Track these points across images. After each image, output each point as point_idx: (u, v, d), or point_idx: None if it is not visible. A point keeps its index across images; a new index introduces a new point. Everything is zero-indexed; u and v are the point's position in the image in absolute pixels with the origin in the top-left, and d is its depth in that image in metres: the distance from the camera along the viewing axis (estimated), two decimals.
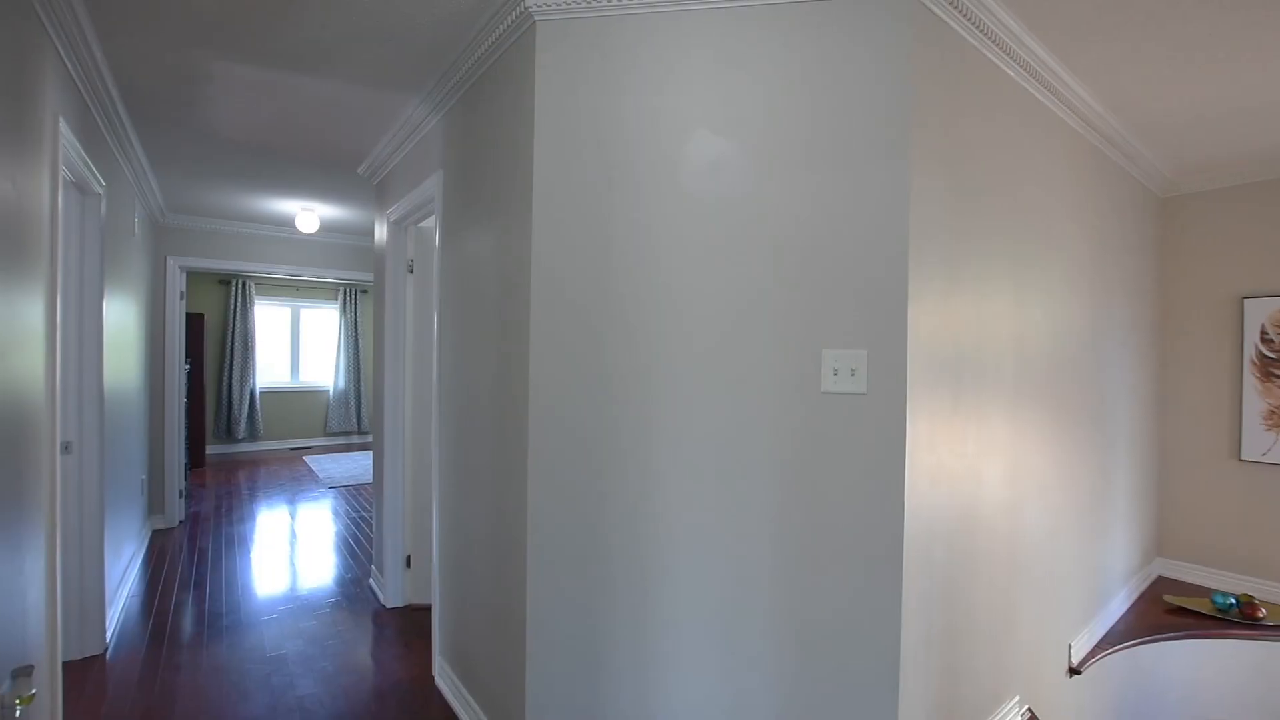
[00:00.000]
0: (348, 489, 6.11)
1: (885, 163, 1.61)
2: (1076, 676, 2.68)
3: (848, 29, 1.63)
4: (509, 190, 1.94)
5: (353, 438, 8.89)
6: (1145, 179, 3.40)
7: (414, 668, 2.70)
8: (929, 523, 1.74)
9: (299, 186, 4.18)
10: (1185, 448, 3.69)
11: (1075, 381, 2.65)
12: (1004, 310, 2.11)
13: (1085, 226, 2.72)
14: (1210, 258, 3.59)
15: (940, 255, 1.76)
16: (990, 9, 1.84)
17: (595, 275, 1.75)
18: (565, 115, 1.76)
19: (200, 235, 5.16)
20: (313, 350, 8.66)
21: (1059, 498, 2.55)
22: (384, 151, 3.22)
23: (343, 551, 4.25)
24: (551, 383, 1.77)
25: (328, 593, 3.52)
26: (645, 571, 1.73)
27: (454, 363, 2.40)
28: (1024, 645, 2.31)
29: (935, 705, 1.81)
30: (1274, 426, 3.36)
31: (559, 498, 1.78)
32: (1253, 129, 2.83)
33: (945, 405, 1.80)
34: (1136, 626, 3.07)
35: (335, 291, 8.70)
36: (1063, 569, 2.60)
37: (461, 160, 2.32)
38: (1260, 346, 3.41)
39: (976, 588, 2.00)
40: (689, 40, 1.69)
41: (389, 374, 3.28)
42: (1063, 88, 2.32)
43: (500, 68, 2.01)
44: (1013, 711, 2.22)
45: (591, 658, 1.76)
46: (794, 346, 1.65)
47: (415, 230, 3.24)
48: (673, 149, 1.70)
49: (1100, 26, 1.98)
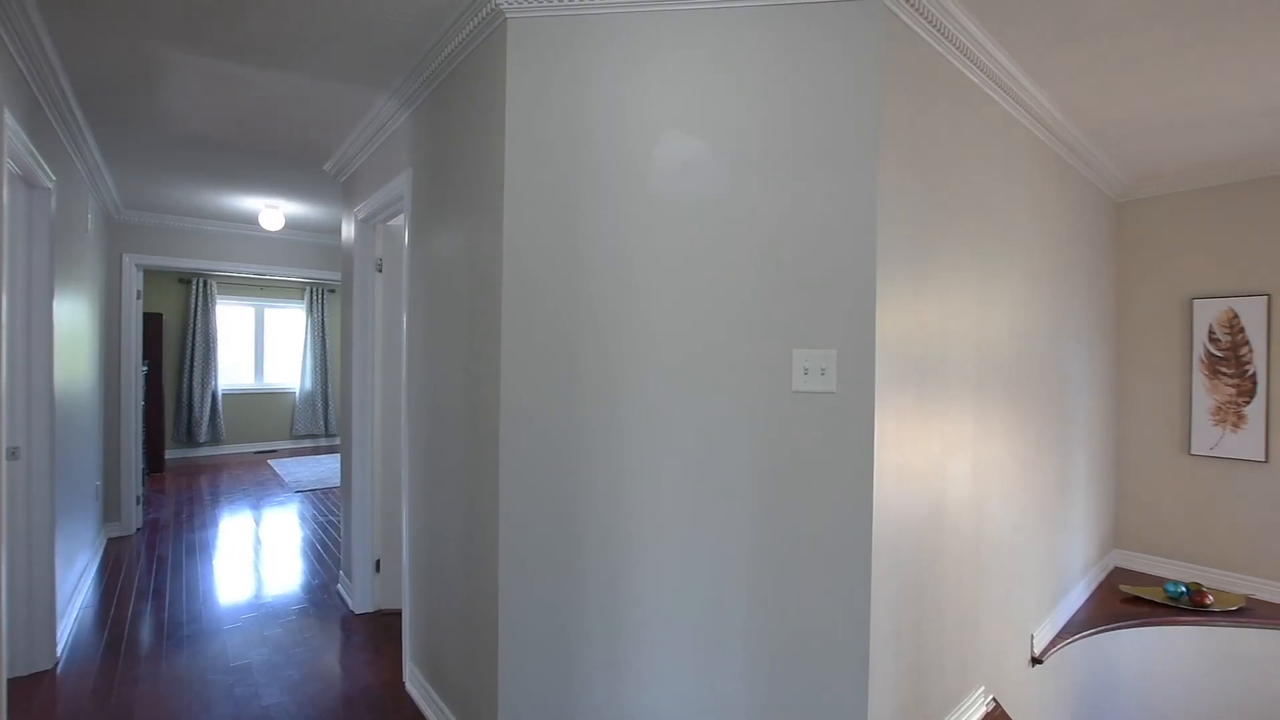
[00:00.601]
0: (315, 493, 5.97)
1: (854, 165, 1.64)
2: (1039, 666, 2.77)
3: (818, 34, 1.66)
4: (480, 189, 1.92)
5: (320, 440, 8.69)
6: (1101, 184, 3.52)
7: (384, 673, 2.65)
8: (897, 519, 1.78)
9: (263, 183, 4.07)
10: (1140, 442, 3.84)
11: (1036, 379, 2.74)
12: (968, 310, 2.16)
13: (1045, 229, 2.80)
14: (1162, 260, 3.74)
15: (907, 256, 1.79)
16: (955, 17, 1.89)
17: (567, 275, 1.74)
18: (537, 114, 1.75)
19: (158, 232, 4.99)
20: (278, 351, 8.44)
21: (1021, 493, 2.63)
22: (351, 148, 3.15)
23: (309, 557, 4.15)
24: (523, 383, 1.76)
25: (294, 599, 3.44)
26: (618, 571, 1.73)
27: (424, 363, 2.36)
28: (989, 637, 2.37)
29: (904, 697, 1.85)
30: (1220, 422, 3.52)
31: (531, 498, 1.77)
32: (1200, 138, 2.96)
33: (912, 403, 1.84)
34: (1095, 616, 3.18)
35: (301, 291, 8.50)
36: (1025, 562, 2.68)
37: (431, 158, 2.29)
38: (1208, 345, 3.56)
39: (943, 582, 2.05)
40: (661, 40, 1.70)
41: (357, 375, 3.22)
42: (1024, 94, 2.39)
43: (471, 65, 1.99)
44: (978, 702, 2.28)
45: (565, 659, 1.75)
46: (765, 346, 1.67)
47: (384, 229, 3.18)
48: (644, 149, 1.70)
49: (1058, 37, 2.05)
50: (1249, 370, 3.42)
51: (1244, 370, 3.44)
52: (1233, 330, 3.48)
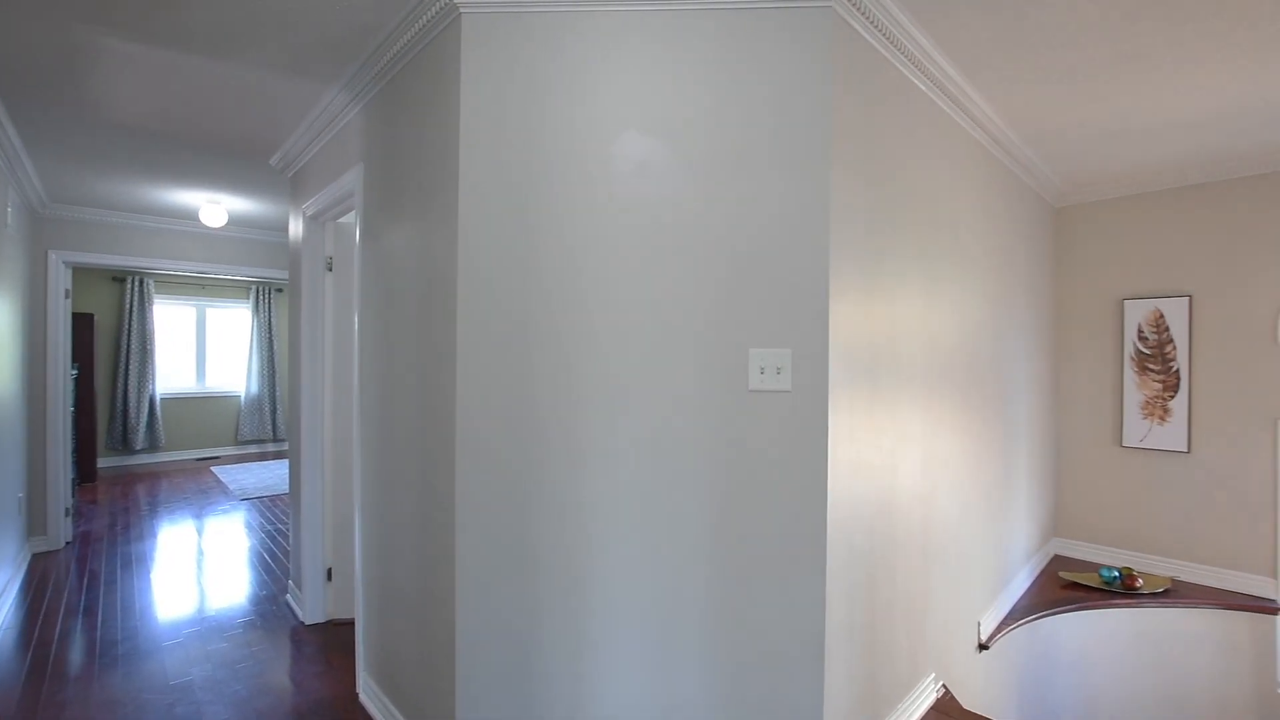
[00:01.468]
0: (262, 500, 5.74)
1: (807, 167, 1.67)
2: (985, 651, 2.88)
3: (772, 38, 1.68)
4: (434, 186, 1.88)
5: (267, 446, 8.36)
6: (1041, 190, 3.69)
7: (337, 685, 2.56)
8: (850, 514, 1.82)
9: (204, 177, 3.89)
10: (1077, 435, 4.04)
11: (980, 376, 2.85)
12: (916, 310, 2.23)
13: (988, 232, 2.92)
14: (1096, 263, 3.95)
15: (858, 257, 1.84)
16: (903, 26, 1.95)
17: (523, 274, 1.72)
18: (492, 111, 1.72)
19: (89, 228, 4.71)
20: (222, 353, 8.08)
21: (967, 486, 2.73)
22: (299, 142, 3.04)
23: (257, 567, 3.99)
24: (479, 383, 1.73)
25: (240, 612, 3.29)
26: (578, 573, 1.72)
27: (377, 365, 2.30)
28: (938, 625, 2.45)
29: (858, 688, 1.90)
30: (1149, 415, 3.74)
31: (489, 502, 1.74)
32: (1128, 148, 3.13)
33: (864, 401, 1.89)
34: (1036, 602, 3.34)
35: (247, 290, 8.16)
36: (972, 551, 2.79)
37: (384, 153, 2.23)
38: (1137, 343, 3.78)
39: (894, 574, 2.11)
40: (617, 39, 1.70)
41: (306, 377, 3.11)
42: (968, 102, 2.48)
43: (425, 59, 1.95)
44: (929, 688, 2.35)
45: (525, 666, 1.73)
46: (722, 346, 1.69)
47: (334, 226, 3.08)
48: (601, 148, 1.70)
49: (999, 48, 2.13)
50: (1174, 367, 3.65)
51: (1169, 367, 3.66)
52: (1159, 329, 3.70)
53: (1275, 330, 3.34)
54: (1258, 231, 3.38)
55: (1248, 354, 3.42)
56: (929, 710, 2.31)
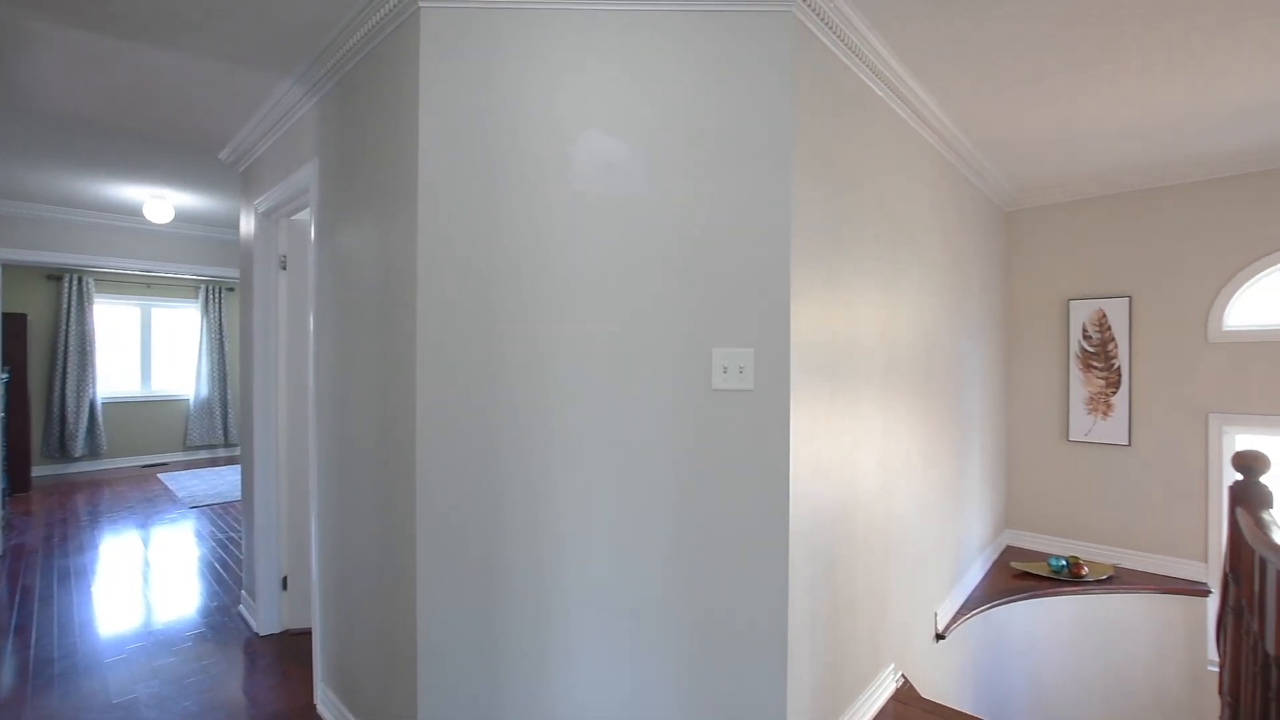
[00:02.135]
0: (213, 508, 5.52)
1: (769, 170, 1.70)
2: (941, 641, 2.97)
3: (734, 42, 1.70)
4: (393, 183, 1.83)
5: (218, 451, 8.05)
6: (991, 194, 3.83)
7: (293, 697, 2.48)
8: (811, 510, 1.85)
9: (148, 171, 3.72)
10: (1026, 431, 4.20)
11: (936, 374, 2.94)
12: (875, 310, 2.29)
13: (943, 234, 3.01)
14: (1043, 265, 4.11)
15: (819, 257, 1.88)
16: (862, 34, 1.99)
17: (485, 274, 1.69)
18: (452, 108, 1.69)
19: (21, 223, 4.45)
20: (169, 355, 7.74)
21: (924, 481, 2.81)
22: (251, 136, 2.94)
23: (207, 577, 3.83)
24: (441, 385, 1.70)
25: (189, 624, 3.16)
26: (543, 576, 1.71)
27: (333, 366, 2.23)
28: (897, 617, 2.52)
29: (820, 680, 1.93)
30: (1093, 410, 3.91)
31: (450, 505, 1.71)
32: (1074, 155, 3.28)
33: (825, 399, 1.92)
34: (989, 592, 3.46)
35: (195, 289, 7.84)
36: (928, 544, 2.87)
37: (340, 149, 2.17)
38: (1082, 342, 3.95)
39: (855, 567, 2.16)
40: (583, 39, 1.69)
41: (259, 380, 3.00)
42: (924, 108, 2.55)
43: (382, 54, 1.90)
44: (889, 679, 2.41)
45: (489, 670, 1.71)
46: (686, 346, 1.70)
47: (287, 223, 2.98)
48: (564, 148, 1.69)
49: (952, 57, 2.20)
50: (1115, 364, 3.83)
51: (1111, 364, 3.84)
52: (1102, 328, 3.88)
53: (1206, 329, 3.54)
54: (1191, 235, 3.57)
55: (1182, 351, 3.62)
56: (889, 700, 2.37)
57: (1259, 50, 2.17)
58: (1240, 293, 3.44)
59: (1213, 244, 3.51)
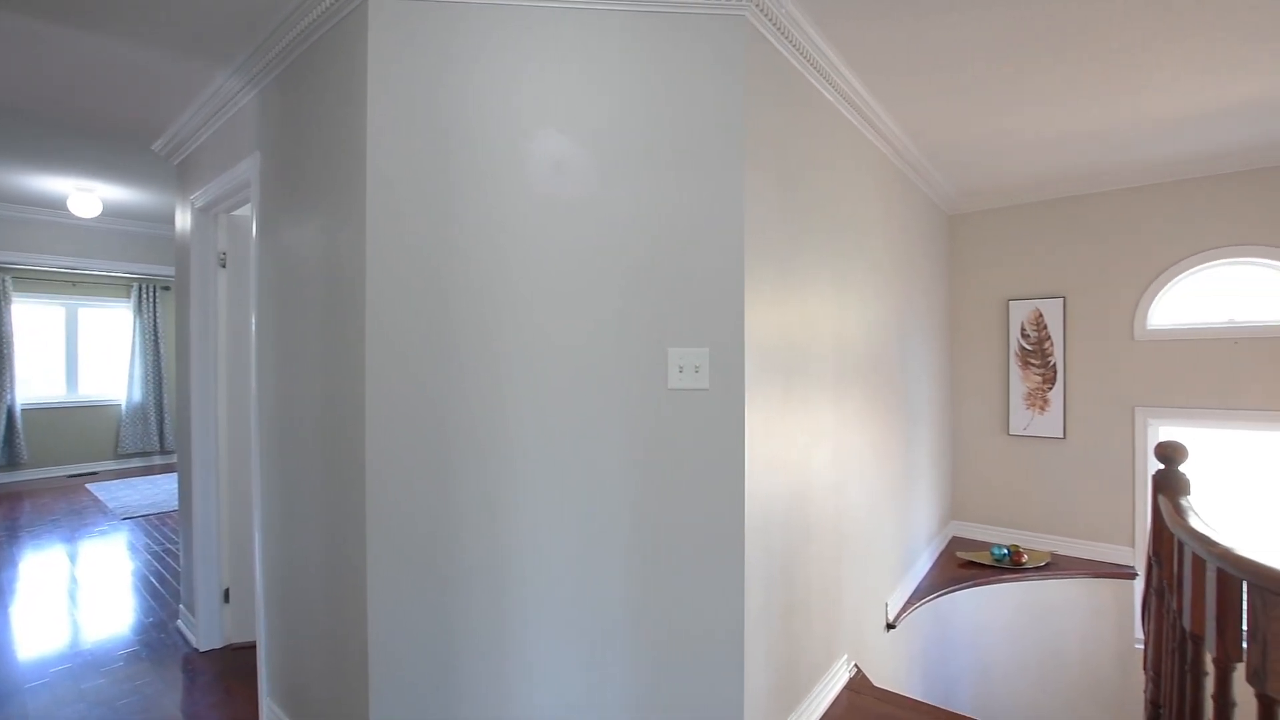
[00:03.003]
0: (148, 518, 5.23)
1: (723, 171, 1.72)
2: (892, 630, 3.07)
3: (688, 43, 1.71)
4: (339, 179, 1.78)
5: (153, 459, 7.63)
6: (936, 198, 3.97)
7: (236, 714, 2.37)
8: (766, 507, 1.89)
9: (73, 161, 3.49)
10: (970, 426, 4.38)
11: (885, 371, 3.03)
12: (827, 309, 2.35)
13: (891, 236, 3.11)
14: (985, 267, 4.30)
15: (772, 258, 1.91)
16: (813, 39, 2.04)
17: (437, 273, 1.66)
18: (403, 103, 1.65)
19: None
20: (98, 357, 7.29)
21: (875, 476, 2.90)
22: (187, 127, 2.79)
23: (142, 592, 3.63)
24: (390, 386, 1.66)
25: (121, 643, 2.98)
26: (499, 578, 1.68)
27: (277, 368, 2.15)
28: (849, 608, 2.59)
29: (776, 674, 1.97)
30: (1031, 405, 4.11)
31: (403, 507, 1.66)
32: (1013, 162, 3.43)
33: (779, 397, 1.96)
34: (937, 581, 3.59)
35: (127, 288, 7.41)
36: (879, 537, 2.96)
37: (284, 142, 2.09)
38: (1021, 341, 4.15)
39: (809, 562, 2.21)
40: (537, 35, 1.67)
41: (197, 383, 2.86)
42: (872, 114, 2.63)
43: (329, 44, 1.84)
44: (842, 669, 2.48)
45: (444, 678, 1.67)
46: (642, 345, 1.70)
47: (227, 219, 2.85)
48: (519, 146, 1.67)
49: (898, 65, 2.27)
50: (1051, 361, 4.03)
51: (1048, 361, 4.05)
52: (1039, 327, 4.07)
53: (1132, 328, 3.76)
54: (1119, 240, 3.80)
55: (1111, 349, 3.84)
56: (843, 690, 2.43)
57: (1177, 68, 2.32)
58: (1162, 294, 3.68)
59: (1137, 249, 3.73)
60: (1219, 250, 3.49)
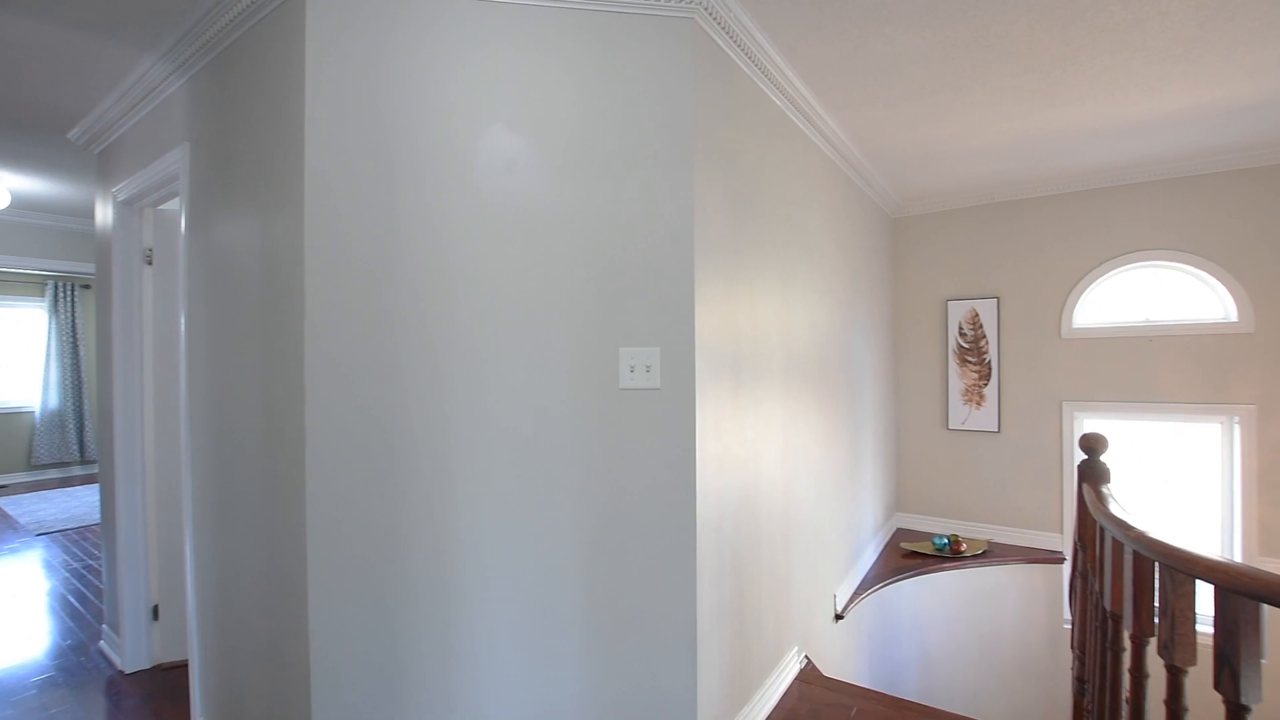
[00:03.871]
0: (66, 534, 4.88)
1: (673, 171, 1.73)
2: (840, 621, 3.16)
3: (640, 45, 1.72)
4: (275, 172, 1.70)
5: (72, 470, 7.13)
6: (880, 202, 4.11)
7: None
8: (718, 503, 1.91)
9: None
10: (913, 420, 4.56)
11: (831, 370, 3.12)
12: (774, 309, 2.39)
13: (836, 239, 3.20)
14: (925, 268, 4.48)
15: (721, 258, 1.93)
16: (761, 44, 2.07)
17: (381, 271, 1.61)
18: (343, 93, 1.59)
19: None
20: (9, 360, 6.76)
21: (822, 471, 2.98)
22: (109, 114, 2.62)
23: (60, 613, 3.38)
24: (331, 389, 1.59)
25: (35, 669, 2.77)
26: (449, 585, 1.64)
27: (209, 372, 2.04)
28: (799, 601, 2.65)
29: (729, 667, 1.99)
30: (969, 400, 4.30)
31: (344, 515, 1.61)
32: (951, 168, 3.59)
33: (728, 395, 1.99)
34: (882, 571, 3.71)
35: (41, 286, 6.90)
36: (827, 530, 3.04)
37: (215, 133, 1.98)
38: (958, 339, 4.34)
39: (759, 557, 2.25)
40: (486, 29, 1.64)
41: (121, 387, 2.68)
42: (818, 119, 2.70)
43: (264, 31, 1.75)
44: (793, 660, 2.53)
45: (391, 692, 1.62)
46: (593, 345, 1.69)
47: (153, 213, 2.69)
48: (465, 142, 1.63)
49: (842, 72, 2.34)
50: (987, 358, 4.23)
51: (983, 358, 4.25)
52: (975, 326, 4.27)
53: (1060, 327, 3.99)
54: (1046, 244, 4.02)
55: (1040, 347, 4.06)
56: (794, 681, 2.49)
57: (1090, 85, 2.48)
58: (1085, 295, 3.91)
59: (1064, 252, 3.96)
60: (1137, 254, 3.74)
